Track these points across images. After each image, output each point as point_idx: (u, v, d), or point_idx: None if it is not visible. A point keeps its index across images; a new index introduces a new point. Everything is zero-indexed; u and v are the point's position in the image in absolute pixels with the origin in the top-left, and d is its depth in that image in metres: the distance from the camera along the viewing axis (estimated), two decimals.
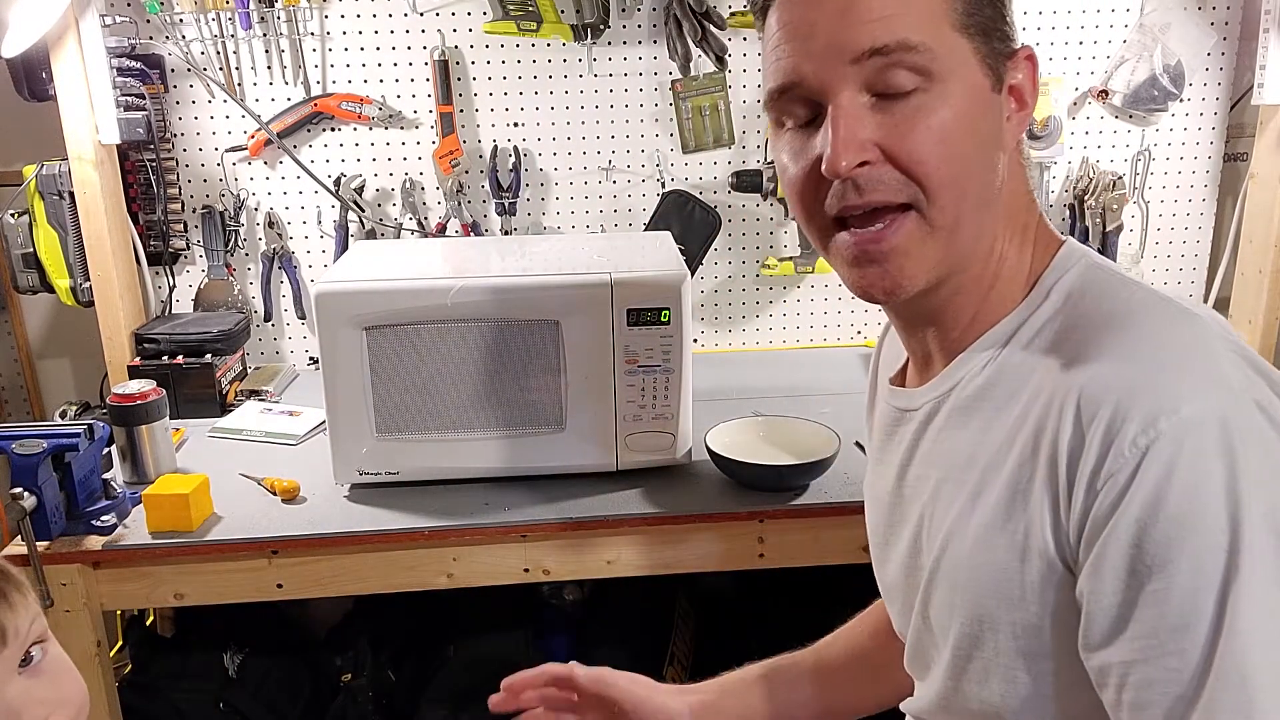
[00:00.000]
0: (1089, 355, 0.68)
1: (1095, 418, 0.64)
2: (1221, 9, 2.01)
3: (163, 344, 1.84)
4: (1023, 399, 0.72)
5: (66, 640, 1.38)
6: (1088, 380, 0.66)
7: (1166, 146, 2.09)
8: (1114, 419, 0.63)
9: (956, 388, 0.78)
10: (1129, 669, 0.63)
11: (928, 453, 0.82)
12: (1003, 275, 0.76)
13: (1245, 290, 2.03)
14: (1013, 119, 0.74)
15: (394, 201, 2.03)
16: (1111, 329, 0.69)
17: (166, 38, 1.89)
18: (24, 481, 1.31)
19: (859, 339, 2.18)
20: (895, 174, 0.69)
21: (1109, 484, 0.63)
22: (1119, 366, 0.65)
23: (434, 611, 1.93)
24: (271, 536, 1.39)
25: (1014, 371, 0.74)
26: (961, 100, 0.69)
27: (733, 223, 2.09)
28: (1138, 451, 0.62)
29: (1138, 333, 0.68)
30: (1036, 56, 0.74)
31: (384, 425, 1.45)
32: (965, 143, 0.69)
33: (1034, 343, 0.73)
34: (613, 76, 1.99)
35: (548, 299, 1.42)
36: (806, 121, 0.72)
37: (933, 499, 0.80)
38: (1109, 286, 0.73)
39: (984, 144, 0.71)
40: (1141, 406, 0.63)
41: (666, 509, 1.42)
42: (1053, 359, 0.71)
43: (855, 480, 1.48)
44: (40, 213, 1.84)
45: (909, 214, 0.70)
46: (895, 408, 0.87)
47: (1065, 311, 0.73)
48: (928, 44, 0.67)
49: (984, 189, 0.72)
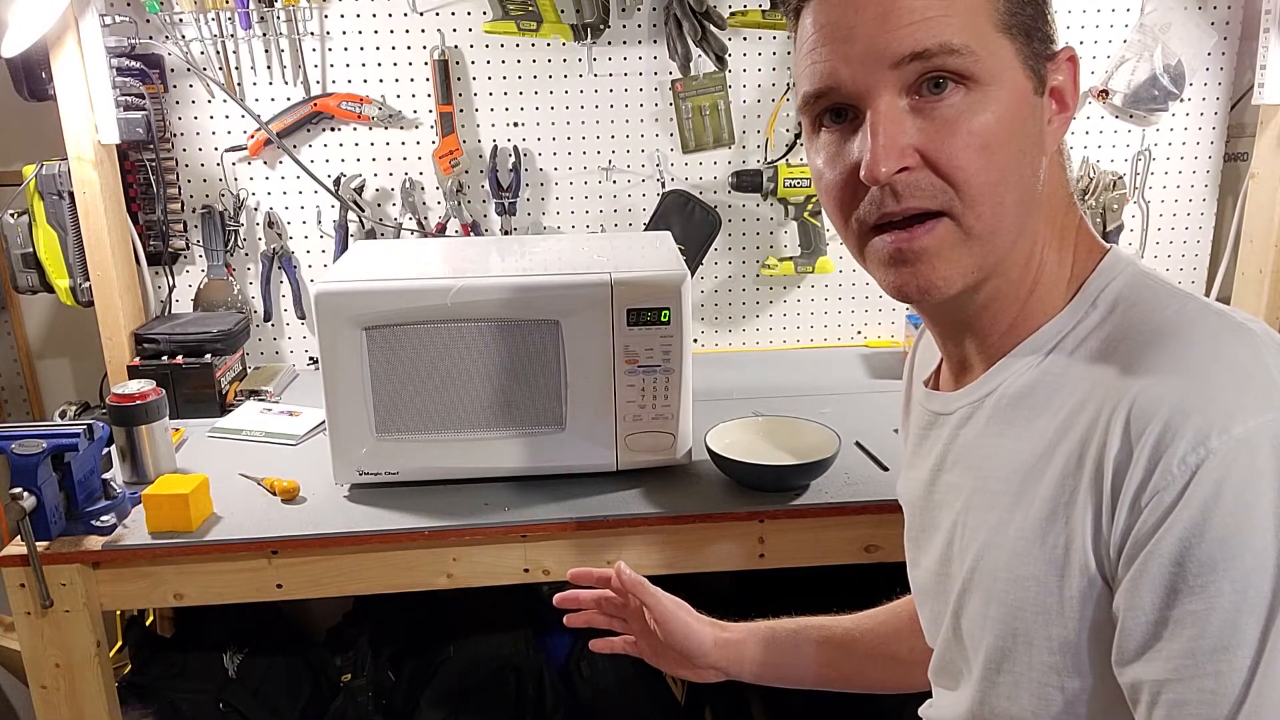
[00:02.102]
0: (1140, 367, 0.66)
1: (1145, 432, 0.62)
2: (1222, 9, 2.01)
3: (162, 344, 1.84)
4: (1066, 408, 0.70)
5: (67, 640, 1.39)
6: (1139, 393, 0.64)
7: (1167, 146, 2.09)
8: (1164, 434, 0.62)
9: (994, 393, 0.76)
10: (1162, 687, 0.62)
11: (961, 458, 0.80)
12: (1043, 280, 0.75)
13: (1245, 290, 2.03)
14: (1054, 121, 0.72)
15: (394, 201, 2.03)
16: (1164, 342, 0.67)
17: (166, 37, 1.89)
18: (24, 481, 1.31)
19: (859, 339, 2.18)
20: (934, 179, 0.68)
21: (1155, 501, 0.62)
22: (1171, 380, 0.64)
23: (434, 611, 1.93)
24: (271, 537, 1.39)
25: (1057, 379, 0.72)
26: (1004, 104, 0.67)
27: (733, 223, 2.09)
28: (1187, 470, 0.60)
29: (1191, 347, 0.66)
30: (1079, 57, 0.73)
31: (384, 425, 1.45)
32: (1007, 148, 0.68)
33: (1079, 351, 0.72)
34: (613, 76, 1.99)
35: (548, 299, 1.42)
36: (841, 123, 0.71)
37: (966, 507, 0.79)
38: (1159, 297, 0.71)
39: (1025, 149, 0.69)
40: (1193, 423, 0.61)
41: (666, 509, 1.42)
42: (1101, 369, 0.69)
43: (855, 480, 1.48)
44: (40, 213, 1.84)
45: (942, 219, 0.69)
46: (929, 410, 0.85)
47: (1112, 321, 0.71)
48: (970, 46, 0.66)
49: (1024, 195, 0.70)
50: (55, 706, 1.42)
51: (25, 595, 1.37)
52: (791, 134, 2.04)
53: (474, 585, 1.44)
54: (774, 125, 2.03)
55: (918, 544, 0.88)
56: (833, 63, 0.68)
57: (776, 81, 2.02)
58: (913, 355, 0.99)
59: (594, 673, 1.83)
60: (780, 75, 2.01)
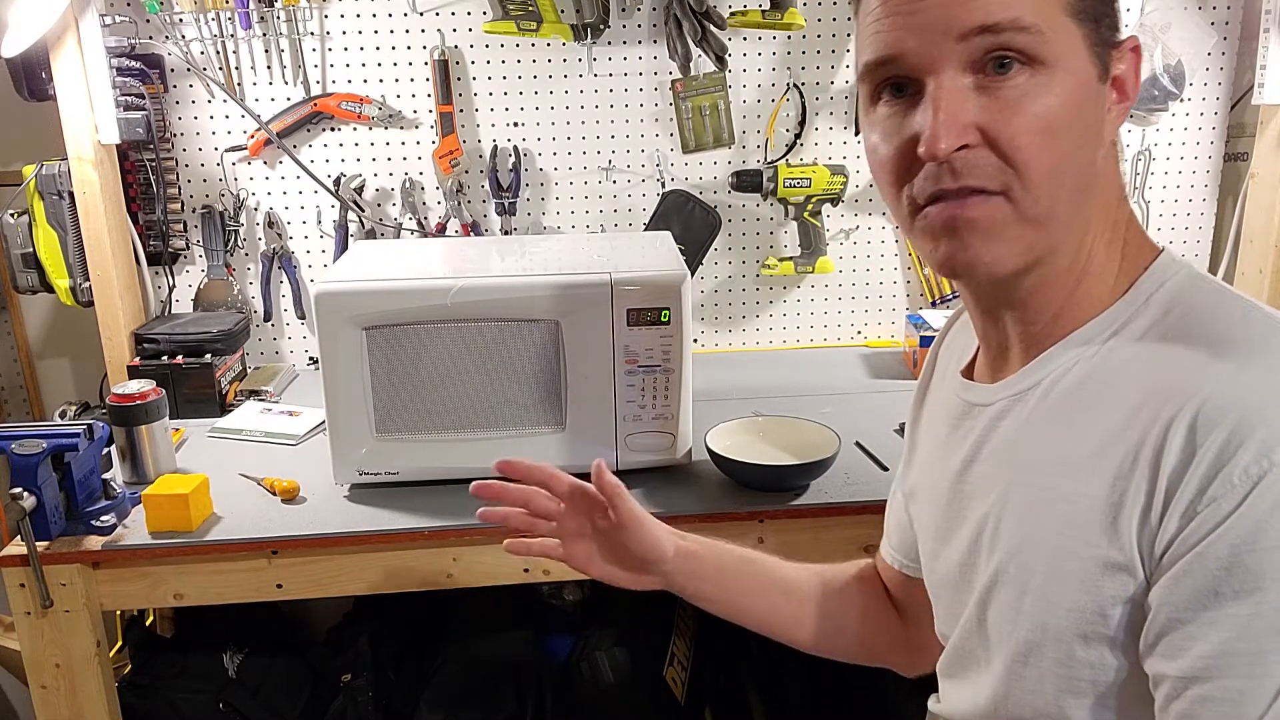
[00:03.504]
0: (1205, 373, 0.65)
1: (1209, 438, 0.62)
2: (1221, 9, 2.01)
3: (162, 344, 1.84)
4: (1122, 409, 0.68)
5: (67, 641, 1.39)
6: (1205, 399, 0.63)
7: (1167, 146, 2.09)
8: (1229, 442, 0.61)
9: (1039, 386, 0.75)
10: (1189, 684, 0.62)
11: (997, 451, 0.79)
12: (1091, 271, 0.73)
13: (1246, 290, 2.00)
14: (1113, 111, 0.71)
15: (394, 201, 2.03)
16: (1229, 349, 0.66)
17: (166, 38, 1.89)
18: (23, 481, 1.31)
19: (859, 339, 2.18)
20: (993, 159, 0.67)
21: (1211, 508, 0.61)
22: (1239, 390, 0.63)
23: (434, 611, 1.93)
24: (271, 536, 1.39)
25: (1109, 377, 0.71)
26: (1068, 88, 0.66)
27: (733, 223, 2.09)
28: (1249, 480, 0.60)
29: (1259, 356, 0.65)
30: (1141, 48, 0.72)
31: (384, 425, 1.45)
32: (1069, 133, 0.67)
33: (1134, 349, 0.70)
34: (613, 76, 1.99)
35: (548, 299, 1.42)
36: (901, 97, 0.70)
37: (1002, 500, 0.77)
38: (1220, 302, 0.70)
39: (1086, 135, 0.69)
40: (1259, 434, 0.60)
41: (666, 509, 1.42)
42: (1160, 371, 0.67)
43: (855, 480, 1.48)
44: (40, 213, 1.84)
45: (998, 197, 0.68)
46: (964, 400, 0.84)
47: (1168, 323, 0.70)
48: (1040, 26, 0.65)
49: (1081, 181, 0.70)
50: (55, 706, 1.42)
51: (25, 595, 1.37)
52: (791, 134, 2.04)
53: (474, 585, 1.44)
54: (774, 125, 2.03)
55: (940, 536, 0.87)
56: (897, 32, 0.67)
57: (776, 81, 2.02)
58: (939, 341, 0.97)
59: (594, 673, 1.83)
60: (780, 75, 2.01)
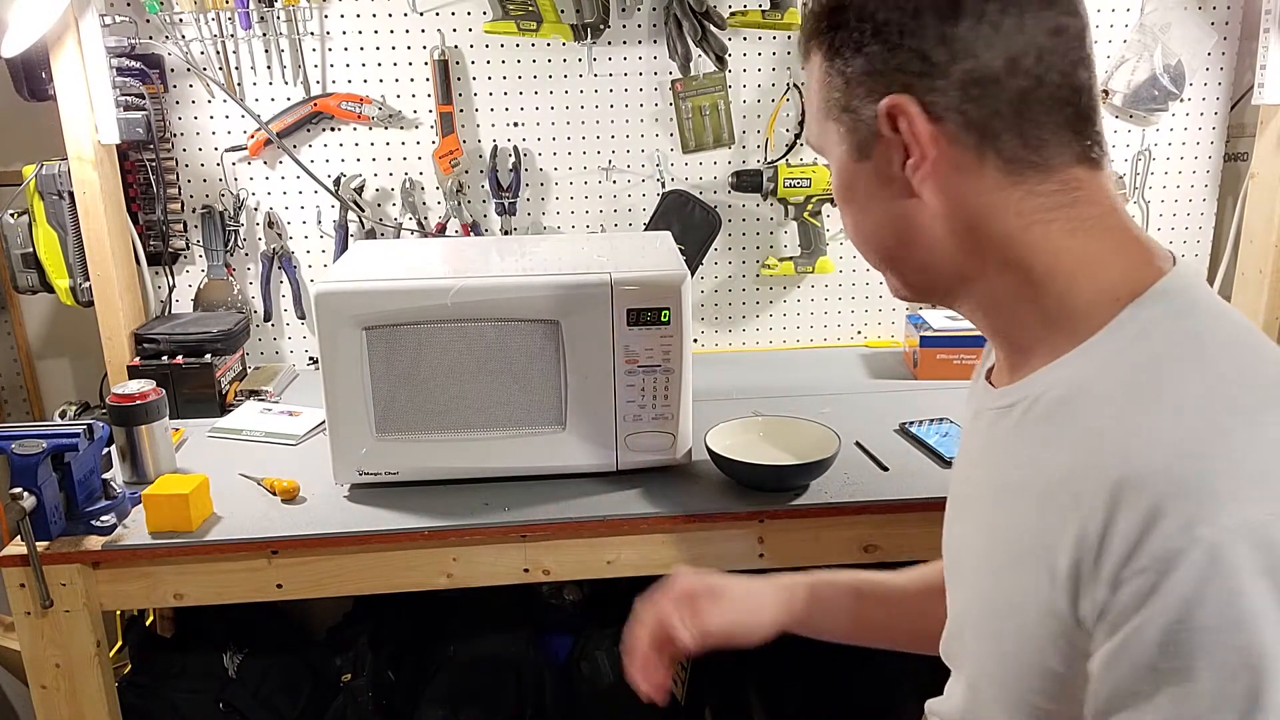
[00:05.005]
0: (1141, 428, 0.64)
1: (1131, 508, 0.61)
2: (1221, 9, 2.01)
3: (162, 344, 1.84)
4: (1068, 442, 0.69)
5: (66, 641, 1.39)
6: (1132, 463, 0.62)
7: (1167, 146, 2.09)
8: (1150, 514, 0.60)
9: (1021, 403, 0.76)
10: None
11: (988, 457, 0.82)
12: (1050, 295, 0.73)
13: (1245, 290, 2.03)
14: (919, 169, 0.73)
15: (394, 201, 2.03)
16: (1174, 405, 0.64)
17: (166, 38, 1.89)
18: (24, 481, 1.31)
19: (859, 339, 2.18)
20: None
21: (1138, 580, 0.61)
22: (1165, 457, 0.61)
23: (434, 611, 1.93)
24: (271, 537, 1.39)
25: (1075, 411, 0.71)
26: (835, 173, 0.82)
27: (733, 223, 2.09)
28: (1170, 554, 0.59)
29: (1201, 418, 0.63)
30: (901, 105, 0.71)
31: (384, 425, 1.45)
32: (845, 204, 0.82)
33: (1095, 383, 0.70)
34: (613, 76, 1.99)
35: (548, 299, 1.42)
36: None
37: (975, 505, 0.83)
38: (1192, 347, 0.67)
39: (867, 202, 0.80)
40: (1181, 507, 0.59)
41: (666, 509, 1.42)
42: (1109, 411, 0.67)
43: (855, 480, 1.49)
44: (40, 213, 1.84)
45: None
46: (978, 402, 0.87)
47: (1133, 359, 0.69)
48: (815, 137, 0.83)
49: (883, 236, 0.80)
50: (55, 706, 1.42)
51: (25, 595, 1.37)
52: (791, 134, 2.04)
53: (474, 585, 1.44)
54: (774, 125, 2.03)
55: (949, 527, 0.91)
56: None
57: (776, 81, 2.02)
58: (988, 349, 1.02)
59: (594, 673, 1.83)
60: (780, 75, 2.01)
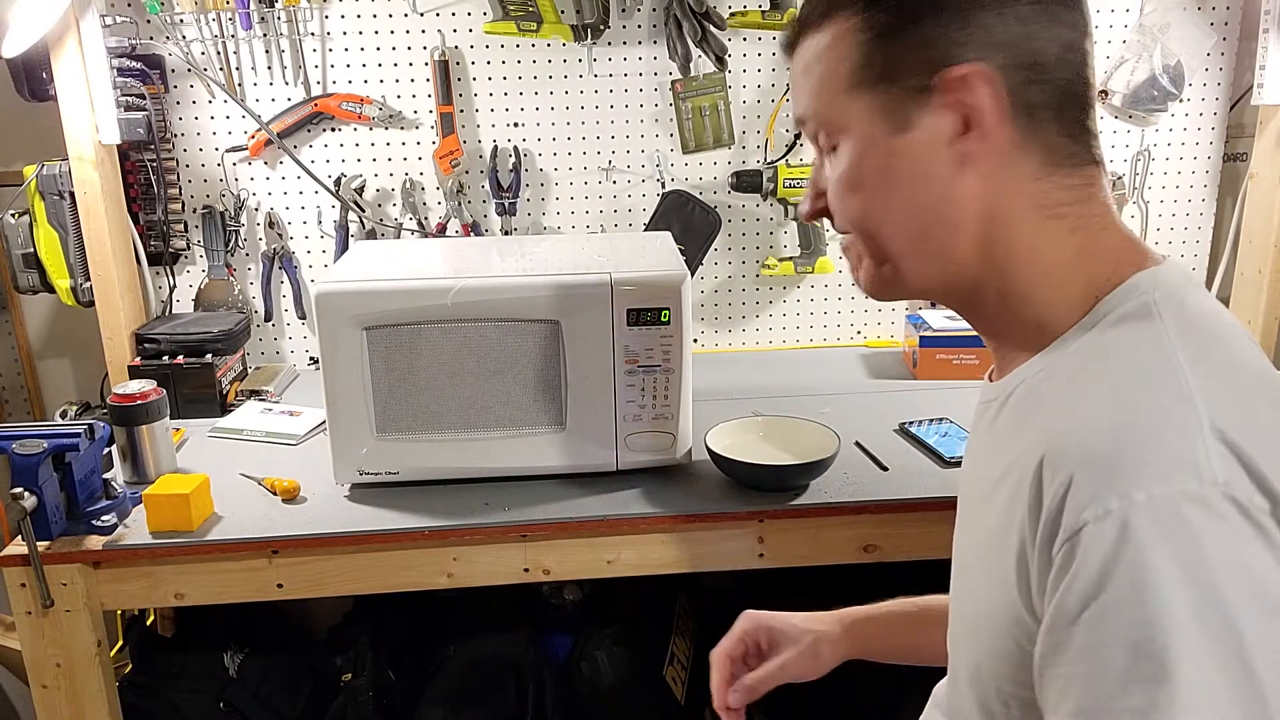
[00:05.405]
0: (1075, 407, 0.66)
1: (1052, 485, 0.63)
2: (1221, 9, 2.01)
3: (163, 344, 1.84)
4: (1027, 430, 0.71)
5: (67, 640, 1.39)
6: (1056, 441, 0.64)
7: (1166, 146, 2.09)
8: (1069, 487, 0.61)
9: (1000, 398, 0.78)
10: None
11: (974, 455, 0.84)
12: (1036, 288, 0.74)
13: (1245, 290, 2.03)
14: (965, 143, 0.71)
15: (394, 201, 2.03)
16: (1110, 384, 0.66)
17: (166, 38, 1.89)
18: (24, 481, 1.31)
19: (859, 339, 2.18)
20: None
21: (1061, 553, 0.62)
22: (1086, 430, 0.64)
23: (434, 611, 1.93)
24: (271, 536, 1.39)
25: (1032, 398, 0.73)
26: (855, 154, 0.75)
27: (733, 223, 2.09)
28: (1082, 526, 0.60)
29: (1124, 397, 0.64)
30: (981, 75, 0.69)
31: (384, 425, 1.46)
32: (868, 189, 0.76)
33: (1055, 372, 0.72)
34: (613, 76, 1.99)
35: (548, 299, 1.42)
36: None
37: (962, 502, 0.84)
38: (1152, 333, 0.68)
39: (900, 185, 0.74)
40: (1093, 481, 0.61)
41: (666, 509, 1.43)
42: (1056, 398, 0.70)
43: (855, 480, 1.49)
44: (40, 213, 1.84)
45: (849, 236, 0.80)
46: (978, 399, 0.87)
47: (1091, 347, 0.70)
48: (819, 113, 0.77)
49: (915, 222, 0.75)
50: (56, 706, 1.42)
51: (26, 595, 1.37)
52: (791, 134, 2.04)
53: (474, 585, 1.44)
54: (774, 125, 2.03)
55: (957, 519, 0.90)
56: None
57: (776, 82, 2.02)
58: None
59: (594, 673, 1.83)
60: (780, 76, 2.01)
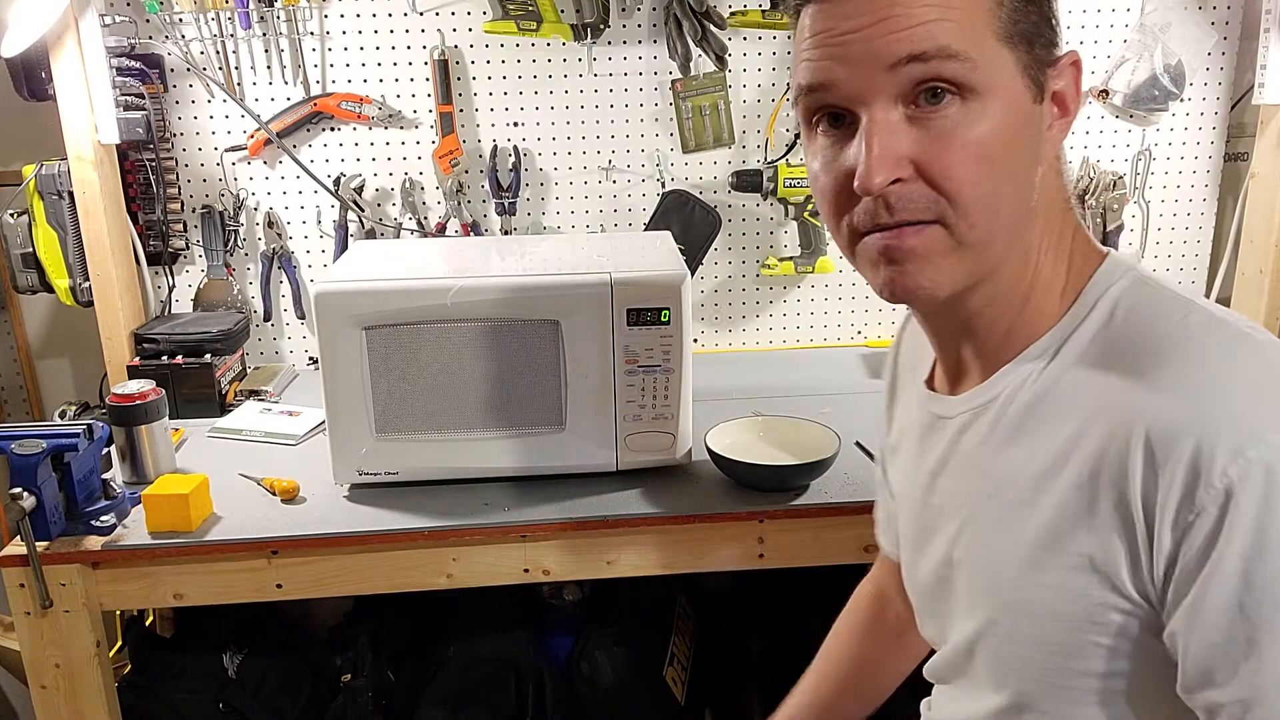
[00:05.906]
0: (1153, 385, 0.65)
1: (1172, 456, 0.61)
2: (1222, 9, 2.01)
3: (162, 344, 1.84)
4: (1075, 419, 0.69)
5: (67, 640, 1.39)
6: (1156, 417, 0.63)
7: (1167, 146, 2.09)
8: (1196, 454, 0.60)
9: (997, 401, 0.76)
10: (1246, 708, 0.61)
11: (962, 465, 0.80)
12: (1038, 286, 0.74)
13: (1245, 290, 2.03)
14: (1054, 128, 0.71)
15: (394, 201, 2.03)
16: (1174, 356, 0.65)
17: (166, 37, 1.88)
18: (23, 481, 1.31)
19: (859, 339, 2.18)
20: (927, 191, 0.67)
21: (1199, 519, 0.60)
22: (1188, 400, 0.63)
23: (434, 611, 1.93)
24: (271, 537, 1.39)
25: (1063, 390, 0.71)
26: (1001, 115, 0.66)
27: (733, 223, 2.09)
28: (1229, 481, 0.59)
29: (1202, 361, 0.65)
30: (1082, 61, 0.71)
31: (384, 425, 1.45)
32: (1003, 159, 0.67)
33: (1082, 360, 0.71)
34: (613, 76, 1.99)
35: (548, 299, 1.42)
36: (838, 128, 0.70)
37: (972, 517, 0.78)
38: (1162, 306, 0.70)
39: (1021, 159, 0.68)
40: (1225, 439, 0.60)
41: (666, 509, 1.42)
42: (1108, 379, 0.68)
43: (855, 480, 1.48)
44: (40, 213, 1.84)
45: (934, 225, 0.68)
46: (930, 412, 0.84)
47: (1112, 328, 0.70)
48: (969, 53, 0.64)
49: (1019, 205, 0.69)
50: (55, 706, 1.42)
51: (25, 595, 1.37)
52: (791, 134, 2.04)
53: (474, 585, 1.44)
54: (774, 125, 2.03)
55: (915, 546, 0.88)
56: (826, 63, 0.67)
57: (776, 81, 2.02)
58: (896, 348, 0.99)
59: (594, 673, 1.83)
60: (780, 75, 2.01)
